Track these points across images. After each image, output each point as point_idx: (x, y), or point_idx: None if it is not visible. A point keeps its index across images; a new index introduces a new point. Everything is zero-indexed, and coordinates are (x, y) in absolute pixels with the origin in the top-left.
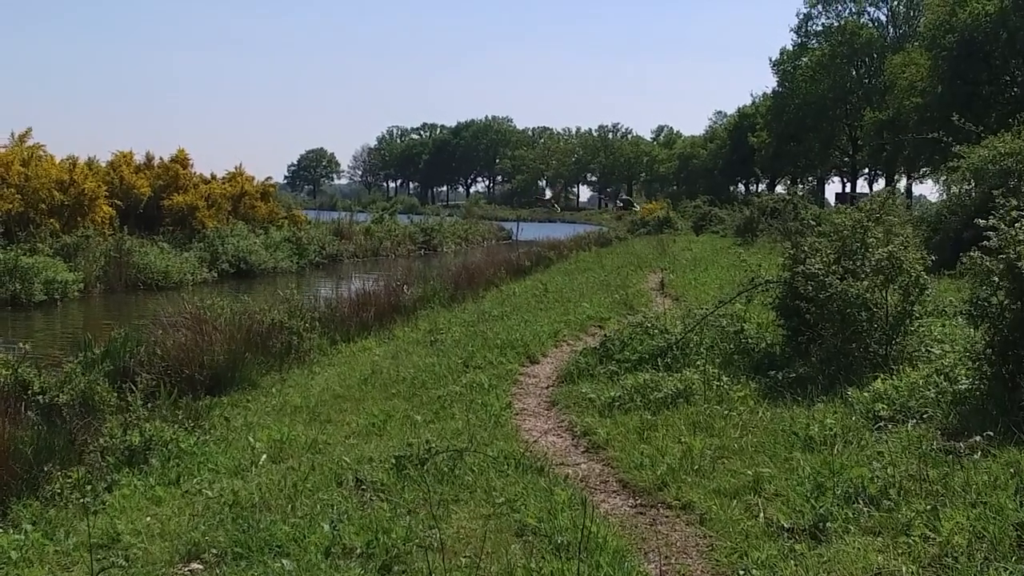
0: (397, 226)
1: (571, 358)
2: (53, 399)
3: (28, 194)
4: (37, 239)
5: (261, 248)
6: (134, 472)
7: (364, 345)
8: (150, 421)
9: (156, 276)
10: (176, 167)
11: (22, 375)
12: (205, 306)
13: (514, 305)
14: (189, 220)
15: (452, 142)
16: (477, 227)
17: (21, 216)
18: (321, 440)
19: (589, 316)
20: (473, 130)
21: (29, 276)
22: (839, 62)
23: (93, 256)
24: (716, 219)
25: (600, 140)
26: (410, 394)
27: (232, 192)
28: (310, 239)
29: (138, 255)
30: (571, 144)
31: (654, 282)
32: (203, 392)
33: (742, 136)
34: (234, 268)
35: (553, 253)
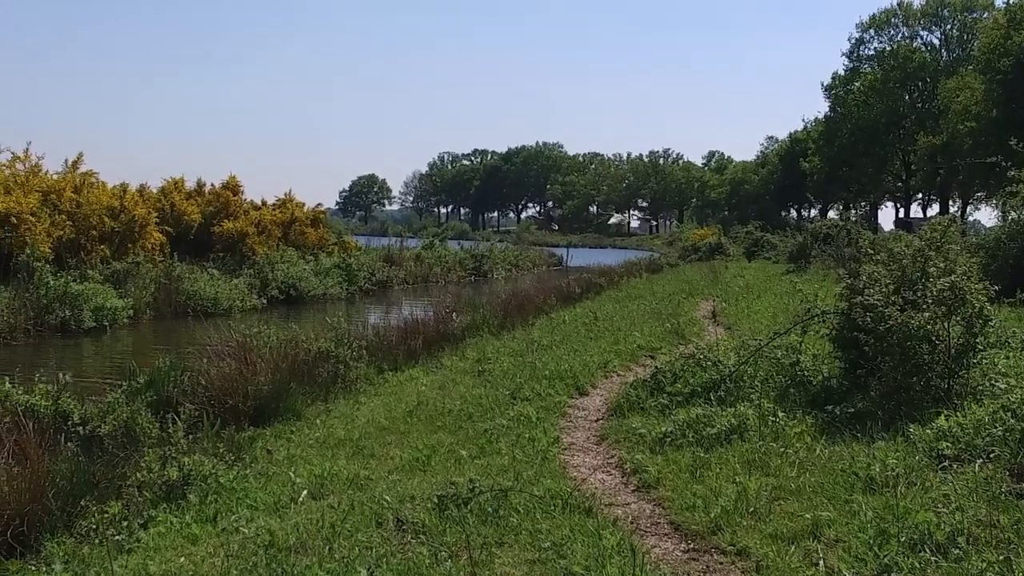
0: (447, 252)
1: (621, 390)
2: (94, 430)
3: (79, 220)
4: (87, 265)
5: (311, 274)
6: (171, 508)
7: (411, 374)
8: (190, 454)
9: (206, 303)
10: (227, 193)
11: (62, 405)
12: (251, 334)
13: (564, 334)
14: (239, 246)
15: (503, 168)
16: (527, 253)
17: (72, 242)
18: (363, 475)
19: (640, 346)
20: (524, 156)
21: (79, 303)
22: (892, 86)
23: (143, 283)
24: (768, 245)
25: (651, 165)
26: (456, 427)
27: (282, 218)
28: (360, 265)
29: (188, 281)
30: (622, 170)
31: (706, 310)
32: (246, 423)
33: (794, 161)
34: (283, 295)
35: (603, 280)
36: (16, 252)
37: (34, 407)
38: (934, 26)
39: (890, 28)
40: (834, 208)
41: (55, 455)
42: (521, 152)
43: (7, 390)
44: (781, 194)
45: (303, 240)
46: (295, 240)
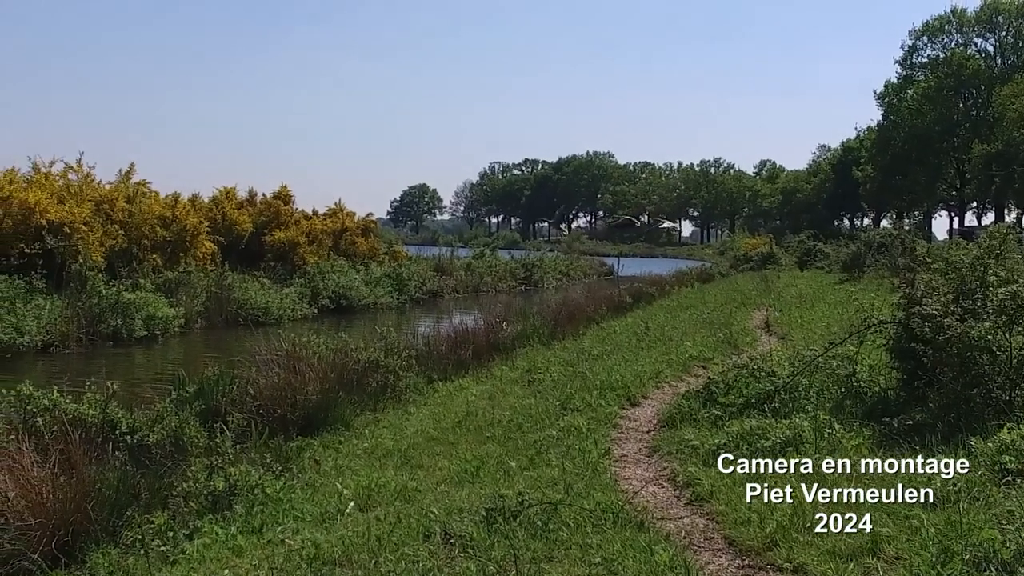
0: (498, 262)
1: (673, 401)
2: (143, 439)
3: (131, 230)
4: (139, 275)
5: (361, 284)
6: (217, 519)
7: (461, 384)
8: (237, 464)
9: (256, 312)
10: (278, 203)
11: (110, 415)
12: (300, 343)
13: (615, 343)
14: (290, 256)
15: (553, 177)
16: (578, 263)
17: (124, 252)
18: (411, 487)
19: (692, 356)
20: (574, 165)
21: (131, 312)
22: (945, 94)
23: (194, 292)
24: (821, 254)
25: (702, 175)
26: (505, 438)
27: (333, 228)
28: (410, 275)
29: (239, 291)
30: (673, 179)
31: (759, 320)
32: (295, 433)
33: (846, 170)
34: (334, 304)
35: (655, 289)
36: (69, 261)
37: (82, 416)
38: (988, 33)
39: (943, 35)
40: (887, 217)
41: (102, 465)
42: (572, 161)
43: (55, 399)
44: (833, 203)
45: (354, 250)
46: (346, 250)
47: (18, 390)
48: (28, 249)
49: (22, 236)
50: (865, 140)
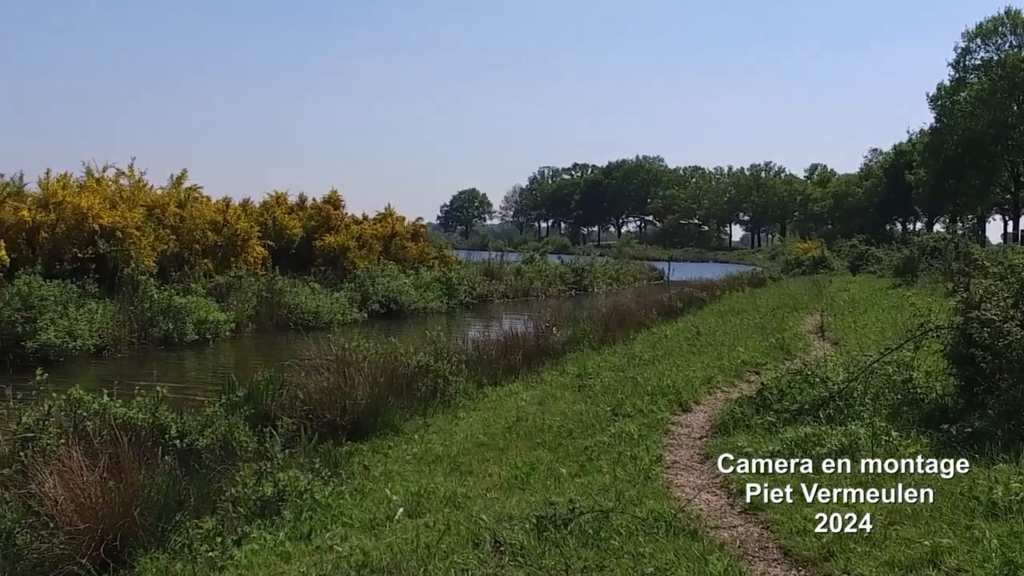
0: (548, 266)
1: (725, 407)
2: (192, 443)
3: (183, 235)
4: (191, 279)
5: (411, 288)
6: (265, 525)
7: (511, 389)
8: (286, 470)
9: (307, 316)
10: (328, 208)
11: (160, 419)
12: (350, 348)
13: (666, 349)
14: (340, 260)
15: (603, 182)
16: (628, 267)
17: (176, 256)
18: (461, 493)
19: (744, 361)
20: (624, 170)
21: (182, 316)
22: (999, 97)
23: (245, 296)
24: (873, 259)
25: (752, 179)
26: (555, 444)
27: (383, 232)
28: (460, 279)
29: (289, 295)
30: (723, 183)
31: (811, 325)
32: (344, 437)
33: (898, 174)
34: (384, 308)
35: (705, 294)
36: (121, 266)
37: (132, 420)
38: None
39: (997, 37)
40: (940, 221)
41: (151, 469)
42: (621, 166)
43: (105, 403)
44: (885, 207)
45: (404, 254)
46: (396, 254)
47: (68, 394)
48: (81, 254)
49: (75, 241)
50: (917, 143)
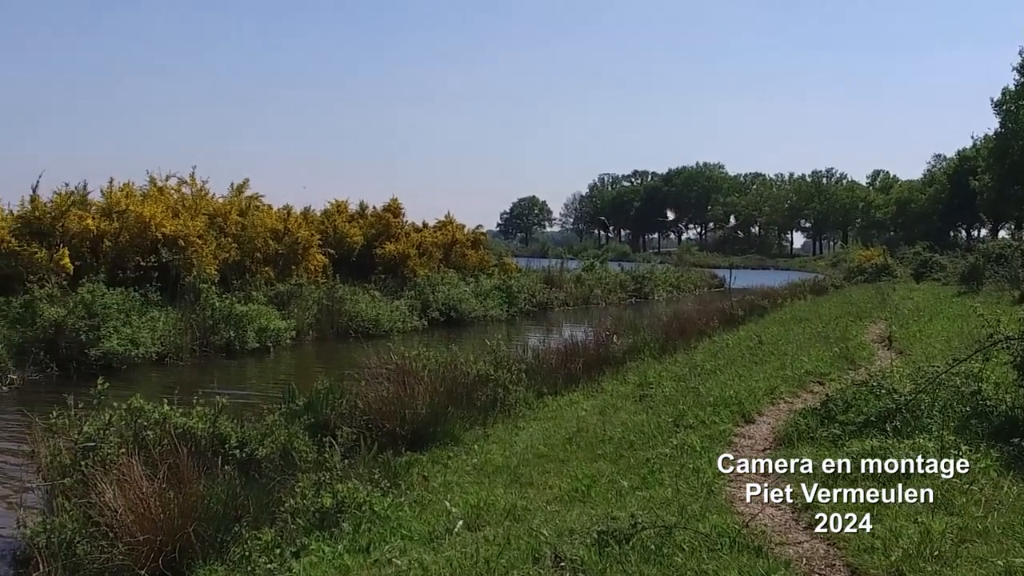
0: (608, 274)
1: (789, 418)
2: (252, 453)
3: (244, 243)
4: (252, 287)
5: (471, 296)
6: (324, 536)
7: (571, 399)
8: (345, 480)
9: (367, 324)
10: (388, 216)
11: (220, 428)
12: (410, 356)
13: (727, 358)
14: (400, 268)
15: (663, 189)
16: (689, 275)
17: (237, 264)
18: (521, 506)
19: (807, 371)
20: (684, 177)
21: (243, 324)
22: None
23: (305, 304)
24: (937, 266)
25: (814, 185)
26: (616, 455)
27: (443, 240)
28: (520, 287)
29: (349, 303)
30: (784, 190)
31: (875, 334)
32: (403, 448)
33: (963, 179)
34: (444, 316)
35: (767, 302)
36: (183, 274)
37: (191, 430)
38: None
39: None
40: (1005, 227)
41: (210, 479)
42: (682, 173)
43: (165, 412)
44: (949, 213)
45: (464, 262)
46: (456, 262)
47: (129, 404)
48: (144, 262)
49: (138, 249)
50: (982, 149)
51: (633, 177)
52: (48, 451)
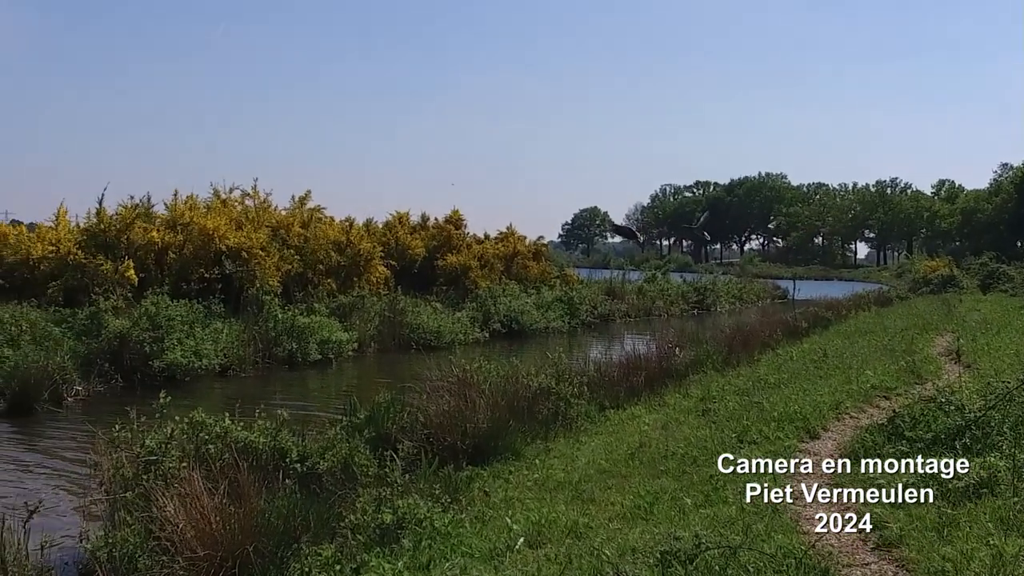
0: (669, 285)
1: (855, 434)
2: (313, 467)
3: (307, 255)
4: (314, 299)
5: (532, 308)
6: (384, 553)
7: (633, 412)
8: (406, 496)
9: (428, 336)
10: (450, 228)
11: (280, 442)
12: (471, 369)
13: (791, 371)
14: (462, 280)
15: (725, 199)
16: (751, 286)
17: (300, 276)
18: (582, 523)
19: (873, 385)
20: (747, 187)
21: (305, 336)
22: None
23: (367, 316)
24: (1004, 277)
25: (878, 195)
26: (679, 472)
27: (504, 252)
28: (582, 299)
29: (411, 315)
30: (847, 200)
31: (942, 347)
32: (464, 462)
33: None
34: (506, 328)
35: (831, 313)
36: (246, 286)
37: (252, 444)
38: None
39: None
40: None
41: (271, 493)
42: (744, 183)
43: (226, 426)
44: (1017, 223)
45: (525, 273)
46: (517, 273)
47: (190, 417)
48: (207, 274)
49: (202, 261)
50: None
51: (695, 187)
52: (111, 464)
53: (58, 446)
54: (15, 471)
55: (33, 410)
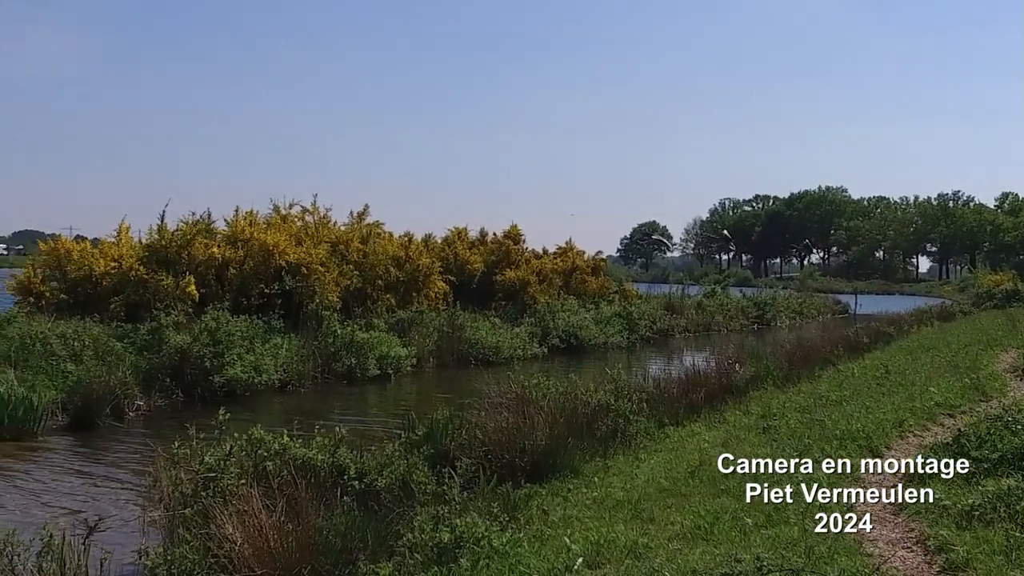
0: (729, 300)
1: (919, 453)
2: (371, 484)
3: (366, 270)
4: (373, 314)
5: (591, 323)
6: (442, 572)
7: (693, 429)
8: (463, 515)
9: (487, 351)
10: (508, 243)
11: (339, 459)
12: (530, 385)
13: (853, 388)
14: (520, 295)
15: (785, 213)
16: (811, 300)
17: (359, 292)
18: (642, 543)
19: (937, 403)
20: (807, 201)
21: (364, 351)
22: None
23: (426, 331)
24: None
25: (940, 209)
26: (740, 491)
27: (563, 267)
28: (641, 314)
29: (470, 330)
30: (909, 213)
31: (1007, 363)
32: (522, 479)
33: None
34: (564, 343)
35: (892, 328)
36: (306, 301)
37: (311, 461)
38: None
39: None
40: None
41: (329, 510)
42: (804, 197)
43: (285, 443)
44: None
45: (584, 288)
46: (576, 288)
47: (249, 434)
48: (267, 289)
49: (262, 277)
50: None
51: (755, 201)
52: (170, 481)
53: (119, 461)
54: (76, 485)
55: (95, 424)
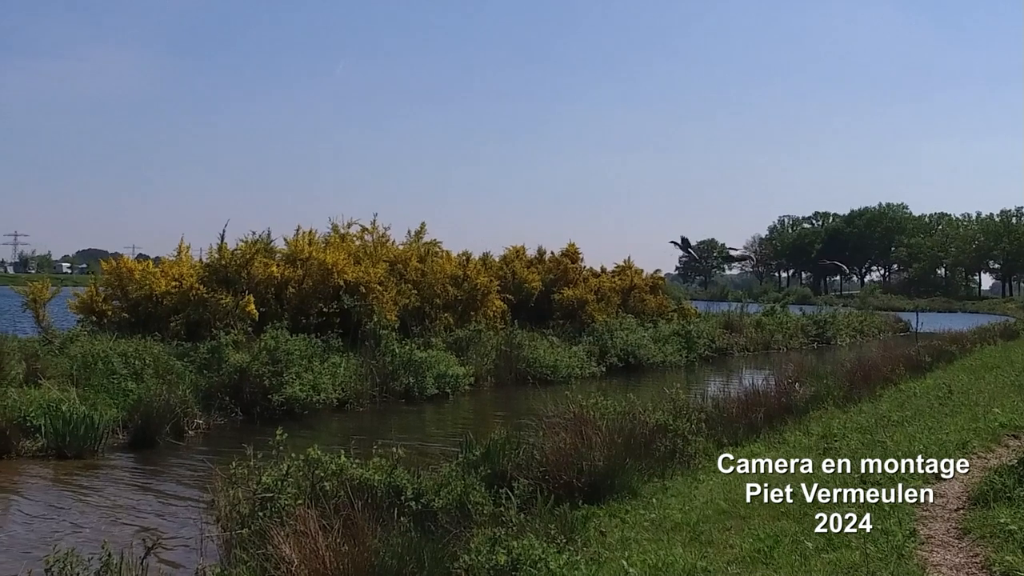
0: (788, 318)
1: (983, 475)
2: (428, 504)
3: (424, 289)
4: (431, 333)
5: (650, 342)
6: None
7: (752, 450)
8: (520, 537)
9: (545, 370)
10: (566, 261)
11: (396, 480)
12: (587, 405)
13: (915, 408)
14: (579, 313)
15: (845, 230)
16: (872, 318)
17: (417, 311)
18: (700, 567)
19: (1001, 424)
20: (867, 218)
21: (422, 370)
22: None
23: (484, 350)
24: None
25: (1003, 225)
26: (800, 513)
27: (621, 285)
28: (699, 332)
29: (528, 349)
30: (971, 230)
31: None
32: (580, 500)
33: None
34: (622, 362)
35: (955, 347)
36: (364, 320)
37: (368, 481)
38: None
39: None
40: None
41: (386, 530)
42: (864, 214)
43: (342, 463)
44: None
45: (642, 307)
46: (634, 307)
47: (307, 454)
48: (326, 308)
49: (320, 296)
50: None
51: (814, 219)
52: (227, 500)
53: (179, 479)
54: (136, 504)
55: (155, 443)
